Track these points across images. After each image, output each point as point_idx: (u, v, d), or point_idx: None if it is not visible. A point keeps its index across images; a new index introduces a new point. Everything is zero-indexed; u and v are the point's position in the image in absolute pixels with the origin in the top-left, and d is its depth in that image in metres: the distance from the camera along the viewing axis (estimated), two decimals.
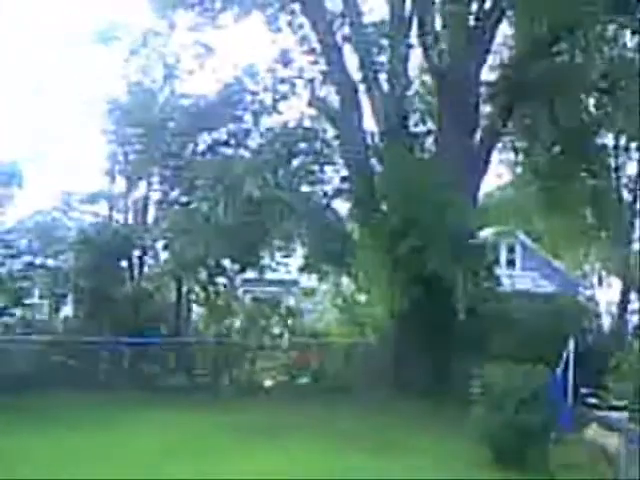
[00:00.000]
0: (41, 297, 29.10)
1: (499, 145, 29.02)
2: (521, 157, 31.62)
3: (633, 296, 37.38)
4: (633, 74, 26.50)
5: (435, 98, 27.52)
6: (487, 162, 27.39)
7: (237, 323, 29.11)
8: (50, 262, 27.96)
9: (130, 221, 29.41)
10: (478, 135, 26.83)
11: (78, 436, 17.67)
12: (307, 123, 27.24)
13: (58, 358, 26.42)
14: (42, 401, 22.37)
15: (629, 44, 28.81)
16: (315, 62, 27.41)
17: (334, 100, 27.14)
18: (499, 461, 15.98)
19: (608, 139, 32.67)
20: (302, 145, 26.32)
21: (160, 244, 28.16)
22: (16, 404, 21.89)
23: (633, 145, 35.29)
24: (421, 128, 27.87)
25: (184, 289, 28.96)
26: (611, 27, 28.29)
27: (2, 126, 26.52)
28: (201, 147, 27.86)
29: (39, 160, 27.56)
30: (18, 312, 27.64)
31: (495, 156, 28.78)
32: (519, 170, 32.42)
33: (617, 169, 35.45)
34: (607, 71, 28.02)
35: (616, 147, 34.20)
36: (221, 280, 27.36)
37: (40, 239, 27.79)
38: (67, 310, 29.16)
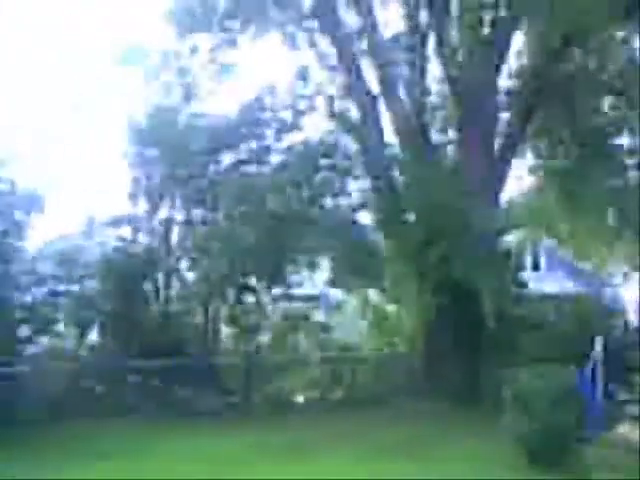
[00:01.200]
0: (67, 324, 29.03)
1: (519, 149, 28.99)
2: (541, 161, 31.65)
3: None
4: None
5: (454, 108, 27.57)
6: (508, 168, 27.47)
7: (266, 340, 29.07)
8: (75, 288, 27.91)
9: (154, 243, 29.38)
10: (498, 142, 26.90)
11: (111, 466, 17.43)
12: (328, 138, 27.29)
13: (87, 385, 26.39)
14: (73, 430, 22.17)
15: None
16: (334, 77, 27.59)
17: (355, 115, 27.28)
18: (534, 463, 16.02)
19: (625, 140, 32.75)
20: (324, 160, 26.43)
21: (185, 265, 28.20)
22: (46, 434, 21.84)
23: None
24: (441, 138, 27.90)
25: (211, 309, 28.93)
26: (620, 33, 28.42)
27: (23, 153, 26.46)
28: (223, 166, 27.88)
29: (61, 185, 27.66)
30: (44, 340, 27.65)
31: (514, 160, 28.72)
32: (540, 174, 32.45)
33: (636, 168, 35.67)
34: (620, 73, 28.16)
35: (633, 147, 34.39)
36: (249, 298, 27.35)
37: (64, 265, 27.71)
38: (94, 336, 29.13)
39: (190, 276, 27.97)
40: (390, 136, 26.80)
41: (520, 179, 32.47)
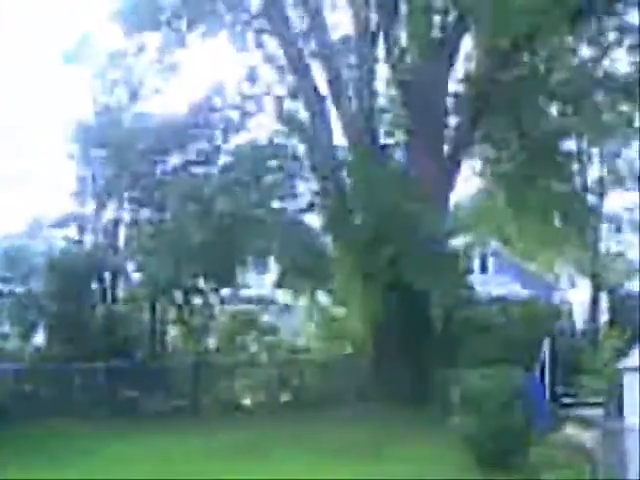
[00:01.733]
0: (11, 325, 28.69)
1: (468, 152, 29.10)
2: (489, 166, 31.86)
3: (603, 296, 38.21)
4: (591, 82, 27.23)
5: (403, 111, 27.64)
6: (456, 172, 27.58)
7: (214, 342, 28.98)
8: (19, 289, 27.58)
9: (101, 243, 29.11)
10: (446, 144, 27.01)
11: (60, 466, 17.33)
12: (277, 140, 27.21)
13: (31, 387, 26.09)
14: (18, 431, 21.91)
15: (587, 54, 29.30)
16: (283, 79, 27.54)
17: (303, 117, 27.24)
18: (482, 464, 16.18)
19: (572, 145, 33.31)
20: (272, 161, 26.33)
21: (132, 265, 27.98)
22: None
23: (594, 150, 36.31)
24: (390, 141, 27.95)
25: (158, 309, 28.76)
26: (569, 39, 28.67)
27: None
28: (171, 166, 27.68)
29: (6, 185, 27.25)
30: None
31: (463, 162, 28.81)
32: (488, 177, 32.69)
33: (581, 173, 36.39)
34: (567, 80, 28.44)
35: (579, 152, 35.01)
36: (196, 299, 27.20)
37: (8, 266, 27.36)
38: (39, 337, 28.78)
39: (137, 277, 27.73)
40: (339, 137, 26.80)
41: (468, 181, 32.76)
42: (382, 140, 27.61)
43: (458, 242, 27.24)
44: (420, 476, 15.85)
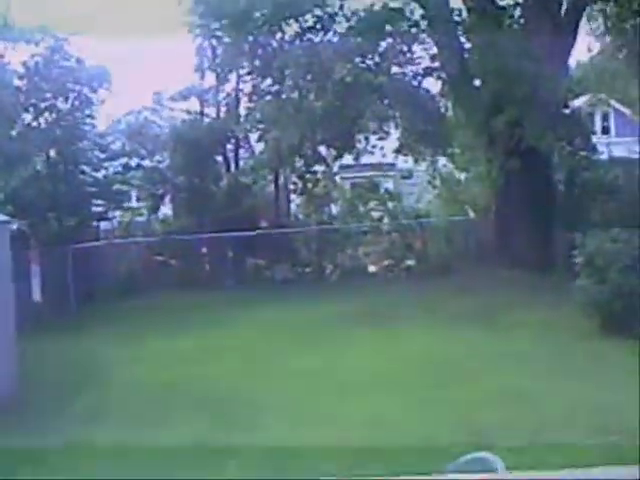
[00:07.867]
0: (138, 199, 29.40)
1: (587, 14, 28.11)
2: (610, 23, 30.63)
3: None
4: None
5: None
6: (575, 31, 26.76)
7: (336, 209, 29.24)
8: (146, 163, 28.15)
9: (222, 115, 29.44)
10: (565, 5, 26.18)
11: (188, 337, 18.03)
12: (392, 4, 26.74)
13: (160, 259, 26.95)
14: (147, 303, 22.84)
15: None
16: None
17: None
18: (605, 330, 16.09)
19: None
20: (389, 26, 26.00)
21: (254, 136, 28.27)
22: (122, 307, 22.53)
23: None
24: (508, 1, 27.22)
25: (281, 179, 29.11)
26: None
27: (89, 28, 26.19)
28: (288, 35, 27.58)
29: (127, 61, 27.42)
30: (117, 216, 28.13)
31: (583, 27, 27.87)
32: (608, 38, 31.48)
33: None
34: None
35: None
36: (318, 168, 27.39)
37: (134, 140, 27.87)
38: (165, 210, 29.49)
39: (259, 147, 28.02)
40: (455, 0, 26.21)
41: (589, 48, 31.73)
42: (500, 0, 26.90)
43: (580, 103, 26.60)
44: (536, 342, 15.96)
